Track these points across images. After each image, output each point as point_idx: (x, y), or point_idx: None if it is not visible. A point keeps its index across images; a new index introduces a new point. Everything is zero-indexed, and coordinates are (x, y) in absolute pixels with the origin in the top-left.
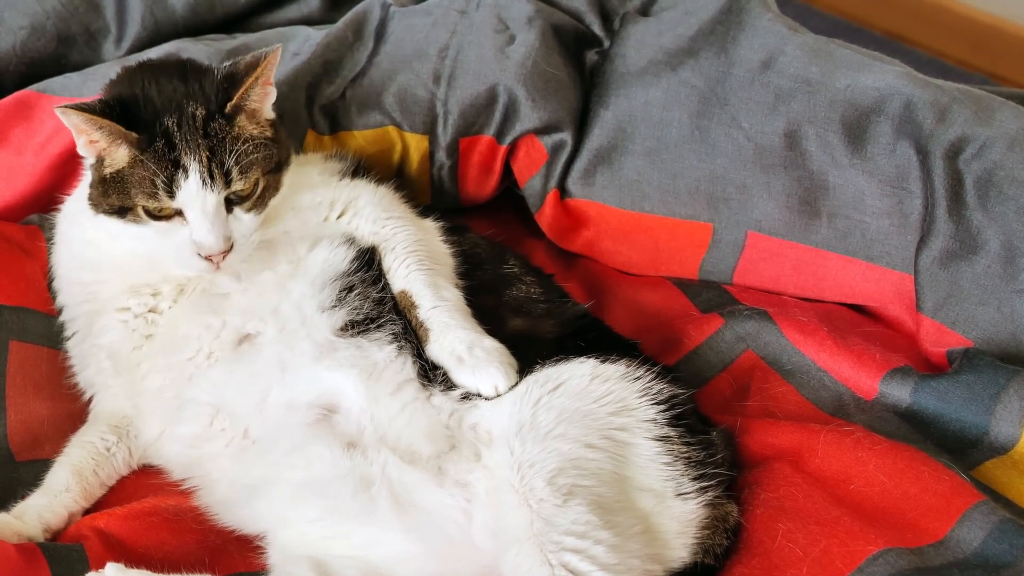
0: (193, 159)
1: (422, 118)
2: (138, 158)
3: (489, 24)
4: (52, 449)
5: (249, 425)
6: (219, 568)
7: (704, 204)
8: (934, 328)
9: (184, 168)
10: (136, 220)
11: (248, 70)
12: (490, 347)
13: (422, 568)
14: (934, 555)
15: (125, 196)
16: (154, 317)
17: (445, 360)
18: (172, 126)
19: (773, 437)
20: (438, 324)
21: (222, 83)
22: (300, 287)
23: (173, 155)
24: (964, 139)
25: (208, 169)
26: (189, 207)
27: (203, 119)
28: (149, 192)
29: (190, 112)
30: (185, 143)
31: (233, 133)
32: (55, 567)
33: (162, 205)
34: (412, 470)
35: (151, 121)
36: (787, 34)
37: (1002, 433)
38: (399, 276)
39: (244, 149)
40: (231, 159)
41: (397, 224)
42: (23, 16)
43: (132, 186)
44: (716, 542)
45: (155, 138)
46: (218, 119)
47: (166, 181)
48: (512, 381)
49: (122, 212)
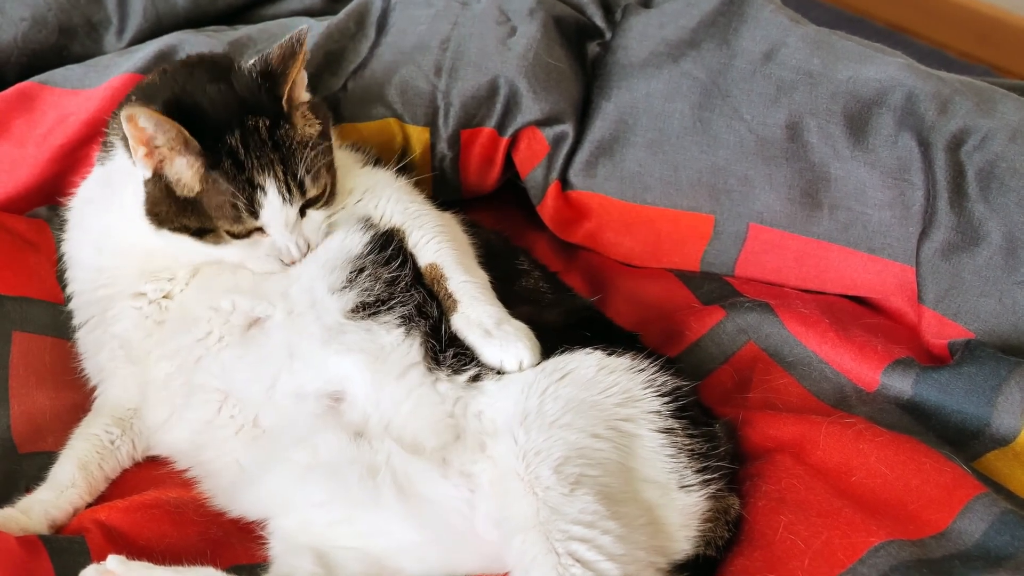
0: (268, 176)
1: (423, 110)
2: (209, 179)
3: (491, 16)
4: (55, 441)
5: (259, 413)
6: (221, 560)
7: (706, 196)
8: (936, 320)
9: (260, 187)
10: (217, 241)
11: (285, 62)
12: (518, 324)
13: (425, 557)
14: (936, 547)
15: (206, 219)
16: (167, 303)
17: (471, 332)
18: (236, 144)
19: (775, 429)
20: (468, 297)
21: (263, 83)
22: (310, 270)
23: (244, 175)
24: (966, 131)
25: (285, 183)
26: (271, 224)
27: (268, 129)
28: (232, 216)
29: (253, 124)
30: (256, 160)
31: (297, 138)
32: (56, 559)
33: (246, 227)
34: (416, 460)
35: (211, 135)
36: (789, 25)
37: (1003, 425)
38: (429, 250)
39: (311, 156)
40: (302, 168)
41: (421, 208)
42: (25, 7)
43: (211, 210)
44: (718, 534)
45: (220, 156)
46: (283, 126)
47: (247, 202)
48: (537, 359)
49: (200, 233)
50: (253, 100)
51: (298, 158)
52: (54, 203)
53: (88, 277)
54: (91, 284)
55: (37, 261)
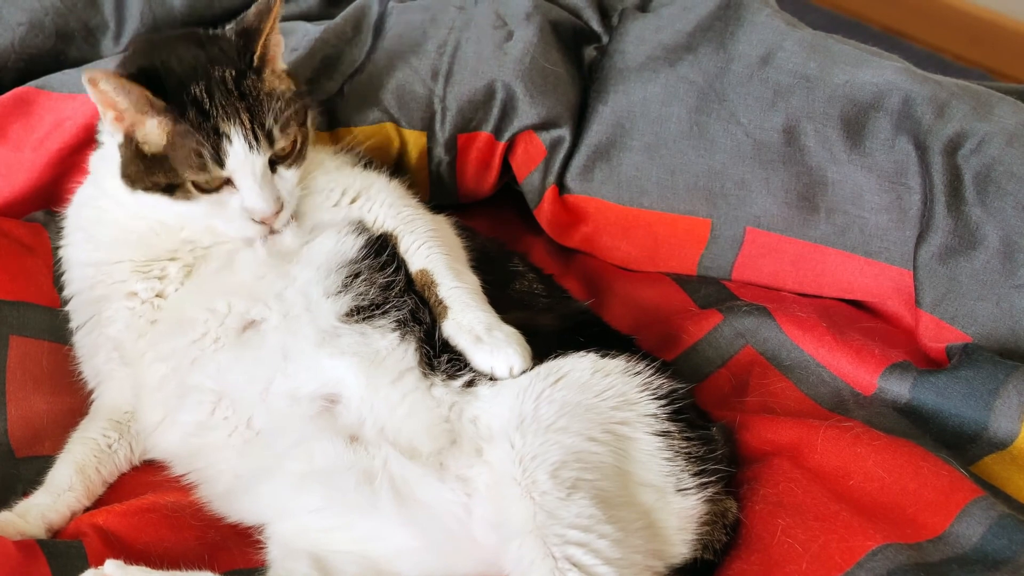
0: (234, 124)
1: (420, 114)
2: (175, 132)
3: (487, 20)
4: (52, 446)
5: (252, 415)
6: (218, 564)
7: (703, 200)
8: (933, 323)
9: (226, 135)
10: (187, 196)
11: (261, 19)
12: (508, 330)
13: (422, 562)
14: (933, 550)
15: (172, 174)
16: (160, 302)
17: (462, 338)
18: (200, 93)
19: (772, 433)
20: (458, 303)
21: (238, 41)
22: (305, 273)
23: (210, 123)
24: (963, 134)
25: (252, 131)
26: (238, 173)
27: (234, 80)
28: (197, 165)
29: (219, 75)
30: (221, 108)
31: (266, 90)
32: (54, 564)
33: (212, 176)
34: (413, 465)
35: (177, 90)
36: (785, 30)
37: (1001, 428)
38: (419, 255)
39: (278, 106)
40: (270, 118)
41: (414, 212)
42: (22, 12)
43: (177, 163)
44: (716, 538)
45: (185, 107)
46: (250, 76)
47: (212, 150)
48: (528, 365)
49: (170, 190)
50: (223, 56)
51: (265, 108)
52: (51, 208)
53: (84, 275)
54: (87, 282)
55: (34, 265)
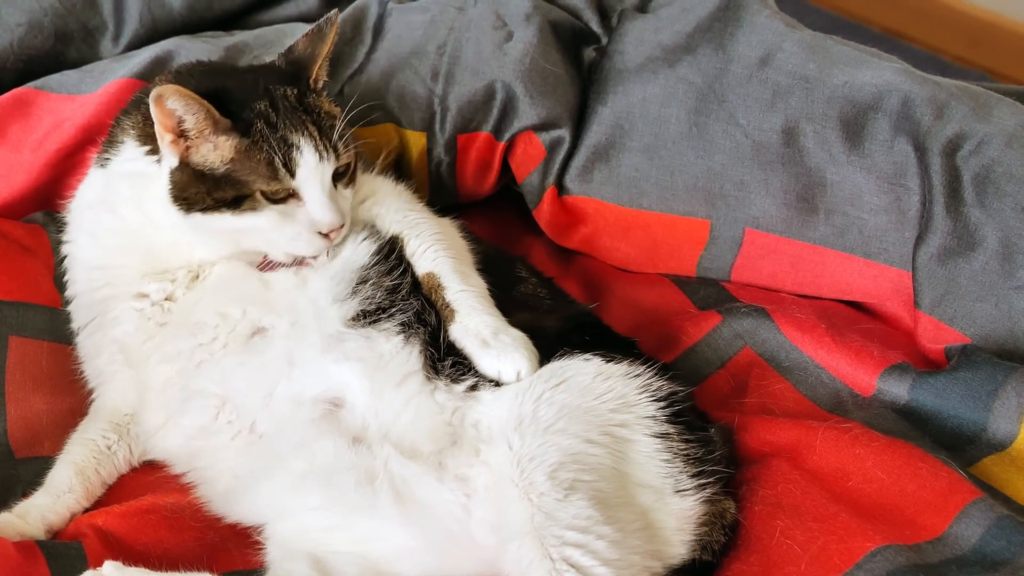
0: (303, 135)
1: (420, 115)
2: (242, 145)
3: (487, 21)
4: (51, 447)
5: (256, 419)
6: (217, 566)
7: (702, 201)
8: (932, 325)
9: (296, 145)
10: (254, 207)
11: (315, 45)
12: (515, 334)
13: (422, 563)
14: (932, 552)
15: (240, 185)
16: (170, 305)
17: (469, 342)
18: (266, 108)
19: (771, 434)
20: (465, 307)
21: (290, 68)
22: (320, 282)
23: (279, 134)
24: (962, 135)
25: (320, 143)
26: (307, 183)
27: (296, 97)
28: (268, 175)
29: (281, 93)
30: (288, 122)
31: (325, 108)
32: (54, 564)
33: (283, 186)
34: (413, 465)
35: (240, 108)
36: (784, 31)
37: (1000, 430)
38: (426, 258)
39: (338, 124)
40: (335, 133)
41: (420, 215)
42: (21, 13)
43: (246, 174)
44: (714, 539)
45: (251, 123)
46: (310, 95)
47: (283, 160)
48: (535, 369)
49: (237, 202)
50: (279, 79)
51: (328, 123)
52: (50, 208)
53: (90, 277)
54: (93, 284)
55: (34, 266)
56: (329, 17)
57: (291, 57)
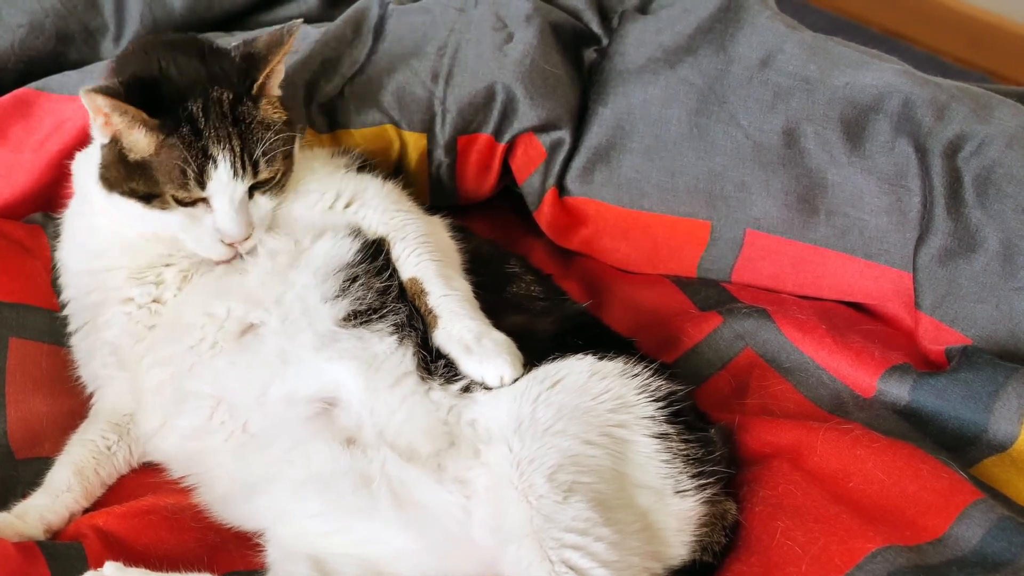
0: (223, 149)
1: (420, 116)
2: (164, 144)
3: (487, 22)
4: (52, 447)
5: (249, 419)
6: (218, 566)
7: (703, 202)
8: (933, 326)
9: (213, 158)
10: (163, 207)
11: (270, 49)
12: (498, 339)
13: (421, 564)
14: (933, 553)
15: (152, 183)
16: (157, 307)
17: (452, 348)
18: (197, 111)
19: (772, 435)
20: (448, 312)
21: (241, 64)
22: (303, 277)
23: (200, 143)
24: (963, 137)
25: (240, 158)
26: (217, 196)
27: (230, 104)
28: (179, 182)
29: (216, 96)
30: (213, 131)
31: (259, 118)
32: (54, 565)
33: (191, 195)
34: (411, 467)
35: (173, 104)
36: (785, 32)
37: (1001, 431)
38: (409, 263)
39: (268, 136)
40: (259, 149)
41: (407, 216)
42: (22, 14)
43: (160, 174)
44: (715, 540)
45: (180, 124)
46: (247, 102)
47: (196, 171)
48: (518, 373)
49: (147, 199)
50: (223, 76)
51: (256, 137)
52: (50, 209)
53: (79, 283)
54: (82, 289)
55: (33, 267)
56: (290, 26)
57: (247, 51)
